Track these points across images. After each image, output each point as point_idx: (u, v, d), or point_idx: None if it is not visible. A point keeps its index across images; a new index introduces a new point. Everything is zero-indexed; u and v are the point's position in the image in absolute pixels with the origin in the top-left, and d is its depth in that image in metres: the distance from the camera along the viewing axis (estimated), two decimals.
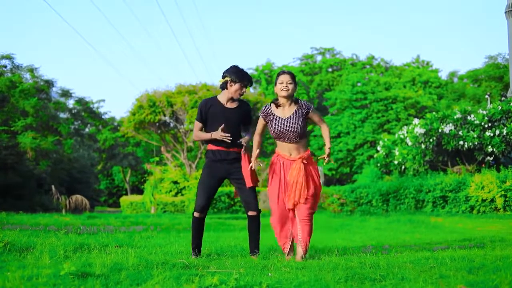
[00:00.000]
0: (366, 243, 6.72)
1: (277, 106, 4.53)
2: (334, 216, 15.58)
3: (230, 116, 4.57)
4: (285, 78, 4.48)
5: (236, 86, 4.55)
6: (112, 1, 78.11)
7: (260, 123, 4.60)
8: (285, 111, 4.51)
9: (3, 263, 3.56)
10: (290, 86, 4.45)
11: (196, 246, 4.56)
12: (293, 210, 4.54)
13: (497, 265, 3.36)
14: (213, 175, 4.55)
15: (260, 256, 4.46)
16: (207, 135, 4.54)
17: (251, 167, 4.52)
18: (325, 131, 4.64)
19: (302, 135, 4.49)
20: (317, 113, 4.60)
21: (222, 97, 4.62)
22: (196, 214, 4.54)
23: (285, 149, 4.54)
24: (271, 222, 4.59)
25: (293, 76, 4.54)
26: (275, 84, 4.56)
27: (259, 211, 4.57)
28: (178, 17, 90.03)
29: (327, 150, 4.58)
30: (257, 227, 4.59)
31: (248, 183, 4.50)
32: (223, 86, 4.60)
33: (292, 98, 4.53)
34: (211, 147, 4.59)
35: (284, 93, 4.45)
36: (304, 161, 4.49)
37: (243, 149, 4.56)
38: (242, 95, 4.63)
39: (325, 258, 4.38)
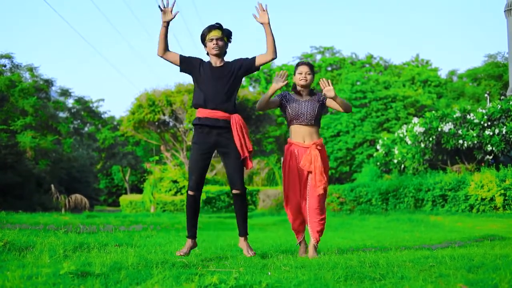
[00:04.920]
0: (366, 242, 6.73)
1: (296, 92, 4.72)
2: (333, 215, 15.59)
3: (219, 74, 4.25)
4: (304, 69, 4.66)
5: (208, 43, 4.28)
6: (112, 1, 78.09)
7: (274, 99, 4.64)
8: (303, 96, 4.70)
9: (3, 263, 3.56)
10: (309, 77, 4.65)
11: (193, 226, 4.31)
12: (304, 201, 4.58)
13: (497, 264, 3.36)
14: (202, 151, 4.27)
15: (260, 255, 4.46)
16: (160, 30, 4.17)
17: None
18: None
19: (317, 119, 4.63)
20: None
21: (211, 60, 4.37)
22: (190, 192, 4.26)
23: (298, 136, 4.61)
24: (286, 209, 4.67)
25: (311, 67, 4.70)
26: (294, 74, 4.72)
27: (244, 189, 4.27)
28: (177, 16, 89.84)
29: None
30: (242, 206, 4.30)
31: (243, 153, 4.22)
32: (207, 54, 4.37)
33: (309, 89, 4.72)
34: (199, 113, 4.28)
35: (303, 82, 4.65)
36: (318, 147, 4.56)
37: None
38: (219, 46, 4.25)
39: (324, 257, 4.38)
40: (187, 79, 33.20)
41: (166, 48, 4.27)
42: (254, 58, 4.34)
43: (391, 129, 31.27)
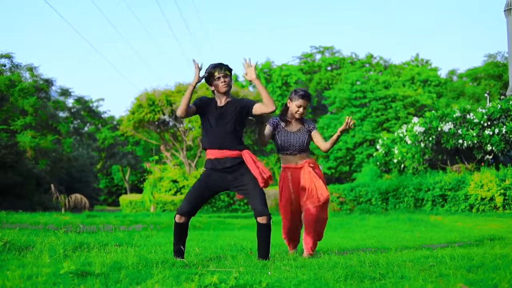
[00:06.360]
0: (366, 242, 6.73)
1: (285, 121, 4.71)
2: (333, 214, 15.59)
3: (223, 111, 4.20)
4: (304, 103, 4.62)
5: (215, 82, 4.23)
6: (112, 1, 78.08)
7: (268, 129, 4.71)
8: (292, 126, 4.71)
9: (3, 262, 3.56)
10: (305, 111, 4.68)
11: (178, 250, 4.15)
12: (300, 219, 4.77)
13: (497, 264, 3.36)
14: (208, 186, 4.19)
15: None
16: (188, 90, 4.09)
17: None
18: (330, 140, 4.67)
19: (306, 148, 4.70)
20: (318, 133, 4.74)
21: (217, 99, 4.34)
22: (178, 219, 4.12)
23: (291, 161, 4.73)
24: (283, 231, 4.89)
25: (310, 100, 4.70)
26: (291, 100, 4.67)
27: (269, 218, 4.11)
28: (177, 17, 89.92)
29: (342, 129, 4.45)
30: (267, 234, 4.15)
31: (260, 182, 4.13)
32: (213, 92, 4.33)
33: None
34: (209, 155, 4.22)
35: (298, 116, 4.67)
36: (311, 164, 4.66)
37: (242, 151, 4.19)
38: (228, 84, 4.21)
39: (324, 256, 4.38)
40: (187, 79, 33.12)
41: (188, 109, 4.17)
42: (253, 104, 4.25)
43: (391, 129, 31.26)
